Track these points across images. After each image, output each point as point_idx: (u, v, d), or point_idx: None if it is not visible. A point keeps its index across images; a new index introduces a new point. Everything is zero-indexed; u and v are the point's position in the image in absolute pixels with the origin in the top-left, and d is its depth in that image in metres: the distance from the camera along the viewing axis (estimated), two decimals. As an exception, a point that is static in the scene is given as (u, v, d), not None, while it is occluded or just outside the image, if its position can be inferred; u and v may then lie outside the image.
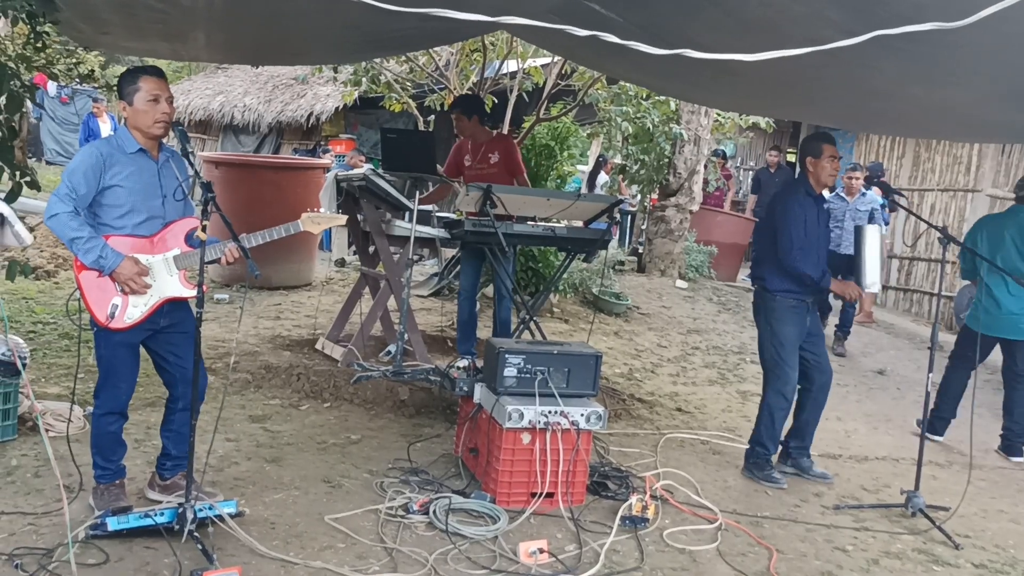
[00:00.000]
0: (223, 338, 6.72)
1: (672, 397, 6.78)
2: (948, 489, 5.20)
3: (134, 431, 4.52)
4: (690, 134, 10.78)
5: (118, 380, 3.60)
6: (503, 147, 6.49)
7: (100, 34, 5.20)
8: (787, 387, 5.01)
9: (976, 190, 11.33)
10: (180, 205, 3.67)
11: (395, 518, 3.91)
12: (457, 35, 6.95)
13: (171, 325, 3.68)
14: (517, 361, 4.29)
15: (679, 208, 11.15)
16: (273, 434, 4.88)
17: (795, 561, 3.95)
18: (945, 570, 4.04)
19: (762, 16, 3.41)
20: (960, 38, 2.81)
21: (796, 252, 4.81)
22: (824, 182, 4.99)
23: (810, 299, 5.00)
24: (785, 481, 4.98)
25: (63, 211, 3.38)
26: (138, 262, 3.51)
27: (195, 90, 19.00)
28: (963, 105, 4.33)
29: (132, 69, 3.61)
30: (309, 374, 5.81)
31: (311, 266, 9.39)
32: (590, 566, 3.62)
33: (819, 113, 6.47)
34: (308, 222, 3.79)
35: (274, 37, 4.97)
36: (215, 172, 8.80)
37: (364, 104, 13.64)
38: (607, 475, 4.64)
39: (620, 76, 7.88)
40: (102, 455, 3.67)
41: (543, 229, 5.67)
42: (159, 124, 3.52)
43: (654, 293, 10.30)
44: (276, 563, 3.38)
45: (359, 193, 6.17)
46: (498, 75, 9.65)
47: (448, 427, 5.22)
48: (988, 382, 8.44)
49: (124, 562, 3.27)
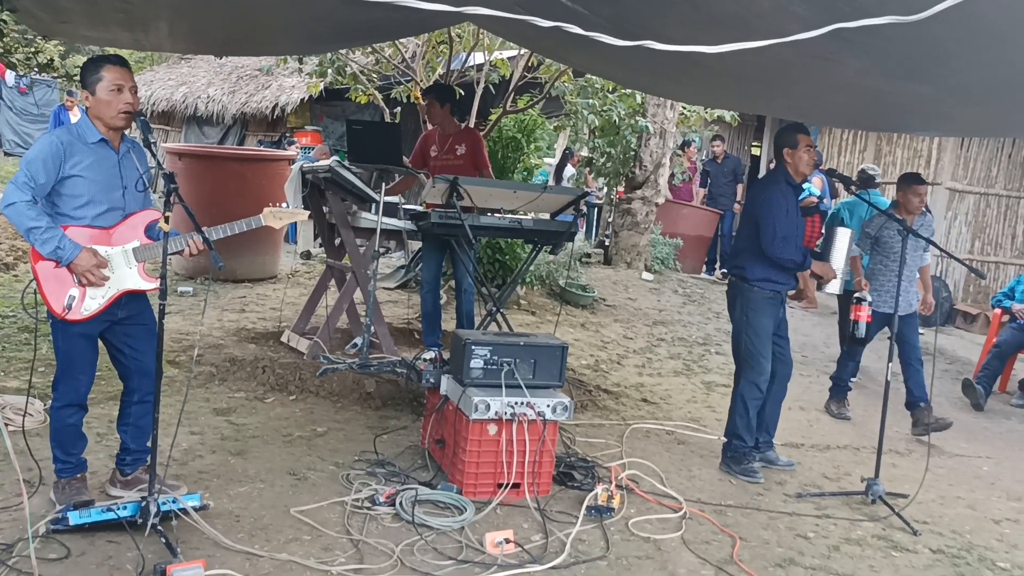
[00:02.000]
0: (187, 331, 6.66)
1: (638, 388, 6.83)
2: (908, 476, 5.29)
3: (96, 424, 4.46)
4: (656, 127, 10.83)
5: (77, 372, 3.56)
6: (470, 140, 6.49)
7: (59, 23, 5.11)
8: (761, 378, 5.05)
9: (936, 183, 11.51)
10: (141, 197, 3.63)
11: (361, 510, 3.90)
12: (424, 26, 6.91)
13: (128, 317, 3.64)
14: (483, 353, 4.29)
15: (645, 201, 11.21)
16: (238, 427, 4.85)
17: (758, 548, 4.01)
18: (904, 556, 4.12)
19: (730, 11, 3.44)
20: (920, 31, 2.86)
21: (779, 241, 4.88)
22: (802, 171, 5.06)
23: (785, 290, 5.08)
24: (762, 476, 5.01)
25: (20, 200, 3.32)
26: (97, 254, 3.46)
27: (158, 81, 18.76)
28: (923, 99, 4.40)
29: (95, 58, 3.56)
30: (274, 367, 5.78)
31: (276, 259, 9.31)
32: (556, 555, 3.64)
33: (783, 107, 6.52)
34: (270, 217, 3.77)
35: (240, 27, 4.92)
36: (179, 163, 8.69)
37: (330, 96, 13.55)
38: (573, 465, 4.66)
39: (585, 68, 7.89)
40: (62, 448, 3.62)
41: (510, 221, 5.68)
42: (122, 115, 3.47)
43: (620, 285, 10.35)
44: (241, 556, 3.36)
45: (324, 185, 6.13)
46: (464, 67, 9.63)
47: (415, 419, 5.22)
48: (947, 372, 8.61)
49: (86, 556, 3.23)
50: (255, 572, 3.25)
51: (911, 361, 6.41)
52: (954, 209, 11.63)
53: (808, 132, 5.11)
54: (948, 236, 11.52)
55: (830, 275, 5.16)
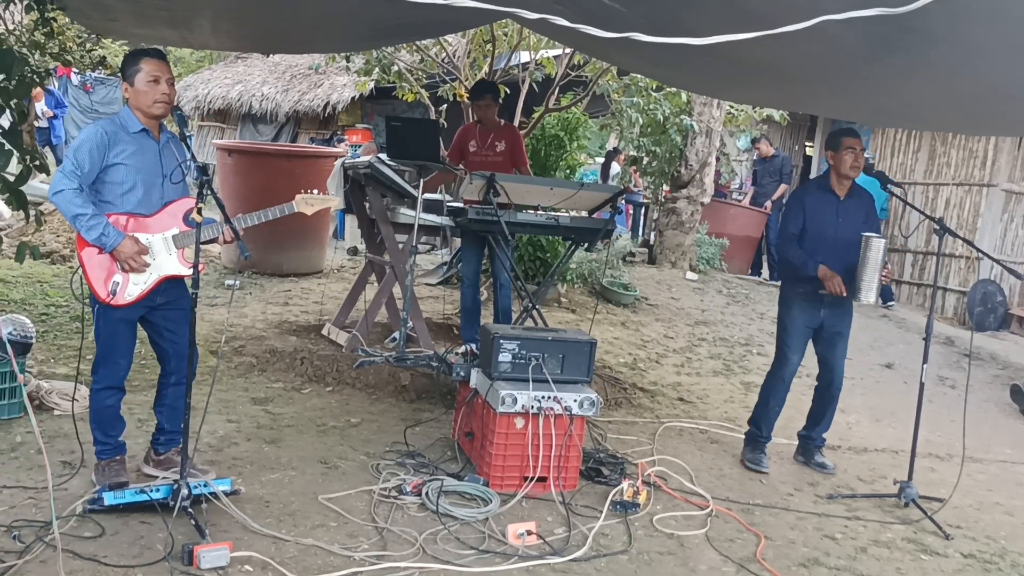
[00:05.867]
0: (231, 323, 6.81)
1: (675, 387, 6.81)
2: (945, 481, 5.19)
3: (137, 411, 4.60)
4: (702, 126, 10.76)
5: (117, 356, 3.70)
6: (510, 137, 6.54)
7: (108, 20, 5.27)
8: (784, 369, 5.09)
9: (992, 184, 11.24)
10: (179, 187, 3.76)
11: (388, 499, 3.97)
12: (462, 24, 6.98)
13: (167, 302, 3.77)
14: (512, 347, 4.33)
15: (690, 200, 11.15)
16: (274, 416, 4.96)
17: (783, 548, 3.99)
18: (933, 559, 4.06)
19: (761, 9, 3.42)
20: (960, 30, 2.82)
21: (784, 241, 4.97)
22: (844, 174, 5.01)
23: (822, 291, 4.96)
24: (768, 468, 5.03)
25: (68, 187, 3.47)
26: (138, 241, 3.59)
27: (215, 79, 19.16)
28: (976, 98, 4.31)
29: (135, 51, 3.70)
30: (313, 358, 5.89)
31: (322, 254, 9.47)
32: (577, 548, 3.67)
33: (831, 106, 6.44)
34: (302, 203, 3.86)
35: (278, 25, 5.02)
36: (228, 160, 8.90)
37: (380, 94, 13.73)
38: (602, 461, 4.68)
39: (630, 68, 7.89)
40: (101, 430, 3.76)
41: (546, 218, 5.71)
42: (159, 104, 3.60)
43: (663, 284, 10.31)
44: (268, 539, 3.45)
45: (365, 180, 6.23)
46: (508, 65, 9.68)
47: (446, 412, 5.28)
48: (998, 377, 8.42)
49: (119, 535, 3.35)
50: (280, 556, 3.33)
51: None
52: (1010, 211, 11.32)
53: (856, 135, 5.03)
54: (1004, 239, 11.23)
55: (834, 289, 4.85)
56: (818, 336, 5.13)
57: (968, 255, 11.24)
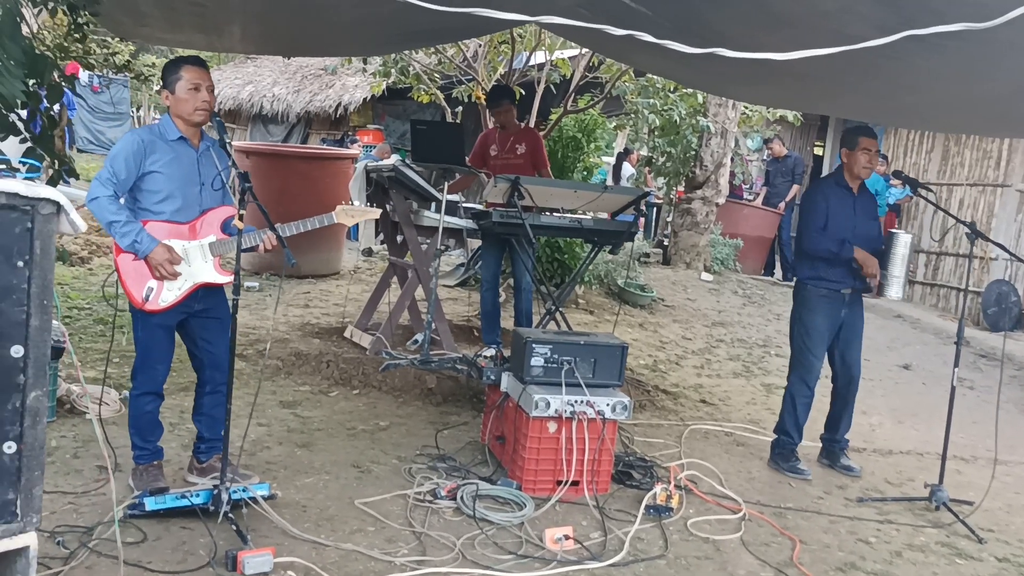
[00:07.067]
0: (254, 325, 6.82)
1: (696, 389, 6.81)
2: (973, 484, 5.20)
3: (169, 415, 4.61)
4: (717, 127, 10.77)
5: (155, 362, 3.72)
6: (530, 139, 6.55)
7: (139, 26, 5.30)
8: (810, 375, 5.07)
9: (1006, 185, 11.22)
10: (218, 194, 3.77)
11: (423, 503, 3.98)
12: (488, 28, 6.98)
13: (205, 310, 3.78)
14: (544, 351, 4.34)
15: (705, 201, 11.15)
16: (304, 420, 4.98)
17: (818, 552, 3.99)
18: (968, 564, 4.06)
19: (792, 11, 3.42)
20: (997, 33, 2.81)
21: (812, 234, 4.95)
22: (857, 174, 5.03)
23: (845, 289, 5.01)
24: (810, 472, 5.01)
25: (104, 195, 3.50)
26: (171, 249, 3.60)
27: (225, 80, 19.17)
28: (997, 99, 4.31)
29: (176, 59, 3.72)
30: (338, 361, 5.90)
31: (339, 255, 9.49)
32: (615, 553, 3.67)
33: (846, 106, 6.44)
34: (342, 215, 3.86)
35: (309, 30, 5.04)
36: (246, 161, 8.89)
37: (392, 95, 13.74)
38: (632, 465, 4.68)
39: (648, 69, 7.88)
40: (140, 435, 3.77)
41: (570, 221, 5.71)
42: (199, 112, 3.62)
43: (679, 285, 10.32)
44: (308, 545, 3.46)
45: (388, 184, 6.24)
46: (526, 67, 9.68)
47: (475, 415, 5.29)
48: (1015, 378, 8.41)
49: (161, 541, 3.36)
50: (322, 561, 3.34)
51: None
52: (1025, 211, 11.31)
53: (872, 135, 5.04)
54: (1019, 239, 11.21)
55: (871, 270, 4.95)
56: (837, 336, 5.12)
57: (982, 255, 11.22)
